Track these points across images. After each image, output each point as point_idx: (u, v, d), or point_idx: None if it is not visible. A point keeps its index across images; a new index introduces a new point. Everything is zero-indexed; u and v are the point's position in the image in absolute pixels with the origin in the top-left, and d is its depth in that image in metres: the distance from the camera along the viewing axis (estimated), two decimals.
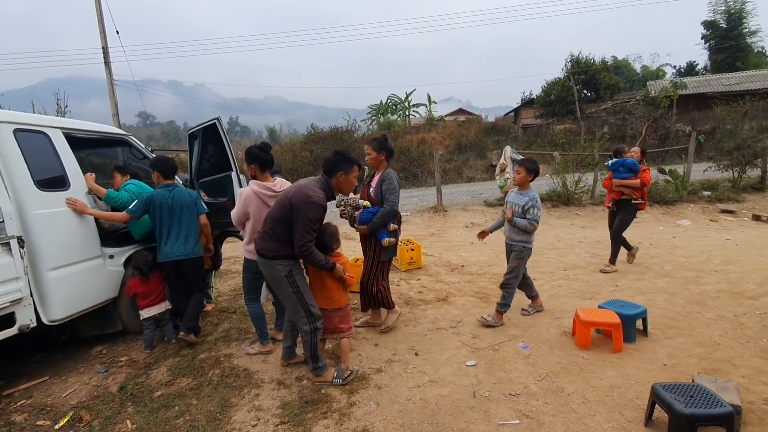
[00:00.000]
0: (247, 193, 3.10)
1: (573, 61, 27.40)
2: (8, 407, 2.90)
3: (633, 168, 5.21)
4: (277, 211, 2.70)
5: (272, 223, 2.69)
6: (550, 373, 2.90)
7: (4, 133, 2.98)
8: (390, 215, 3.43)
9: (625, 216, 5.37)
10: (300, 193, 2.63)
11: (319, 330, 2.78)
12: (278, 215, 2.67)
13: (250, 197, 3.08)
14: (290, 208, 2.62)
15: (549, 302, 4.27)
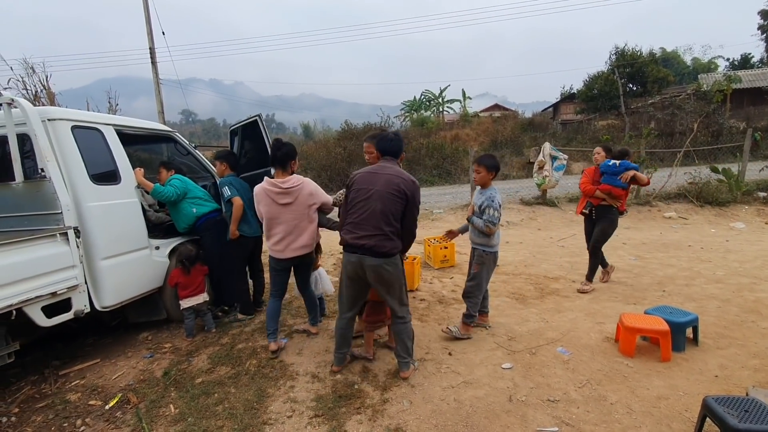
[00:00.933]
0: (257, 191, 3.16)
1: (618, 53, 26.08)
2: (64, 386, 3.10)
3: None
4: (390, 206, 2.62)
5: (392, 220, 2.63)
6: (591, 380, 2.78)
7: (63, 129, 3.17)
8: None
9: (607, 227, 4.49)
10: (406, 181, 2.67)
11: None
12: (394, 209, 2.62)
13: (260, 195, 3.12)
14: (405, 199, 2.63)
15: (590, 306, 4.10)
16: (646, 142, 10.14)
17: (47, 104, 7.64)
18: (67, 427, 2.60)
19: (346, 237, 2.71)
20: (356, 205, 2.70)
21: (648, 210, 9.20)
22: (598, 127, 23.29)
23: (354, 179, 2.78)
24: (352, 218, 2.70)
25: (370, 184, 2.68)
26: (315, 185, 3.24)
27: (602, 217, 4.53)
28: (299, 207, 3.11)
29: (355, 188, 2.74)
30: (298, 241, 3.16)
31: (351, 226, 2.70)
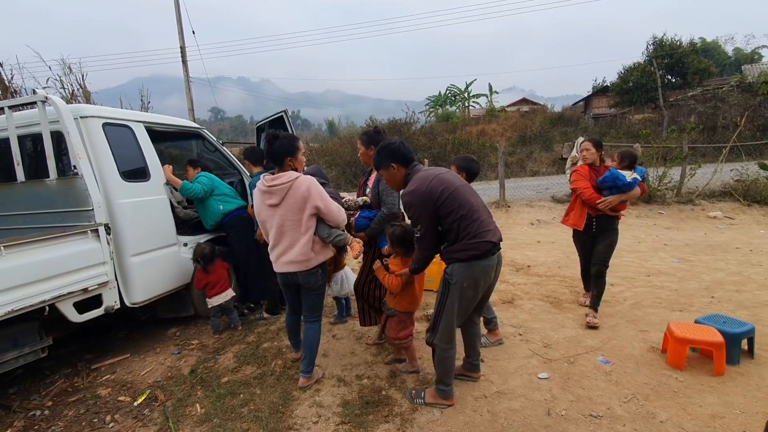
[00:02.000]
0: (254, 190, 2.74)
1: (656, 43, 24.86)
2: (95, 380, 3.14)
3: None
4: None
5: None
6: (637, 395, 2.58)
7: (95, 126, 3.20)
8: (389, 219, 2.93)
9: (614, 240, 3.65)
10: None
11: None
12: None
13: (255, 193, 2.69)
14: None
15: (631, 312, 3.85)
16: (689, 136, 9.56)
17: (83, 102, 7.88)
18: (97, 423, 2.61)
19: (493, 239, 2.29)
20: (467, 206, 2.28)
21: (690, 209, 8.68)
22: (633, 121, 22.32)
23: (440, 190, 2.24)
24: (481, 217, 2.30)
25: (452, 184, 2.30)
26: (315, 186, 2.53)
27: (606, 229, 3.61)
28: (287, 211, 2.51)
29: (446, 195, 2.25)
30: (288, 255, 2.57)
31: (484, 225, 2.29)
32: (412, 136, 20.69)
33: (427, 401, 2.53)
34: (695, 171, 9.03)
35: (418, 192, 2.24)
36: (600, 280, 3.64)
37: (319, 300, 2.81)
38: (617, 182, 3.47)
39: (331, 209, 2.57)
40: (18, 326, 2.61)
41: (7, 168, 3.30)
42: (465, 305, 2.37)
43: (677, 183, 9.19)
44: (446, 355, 2.43)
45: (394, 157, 2.41)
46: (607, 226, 3.61)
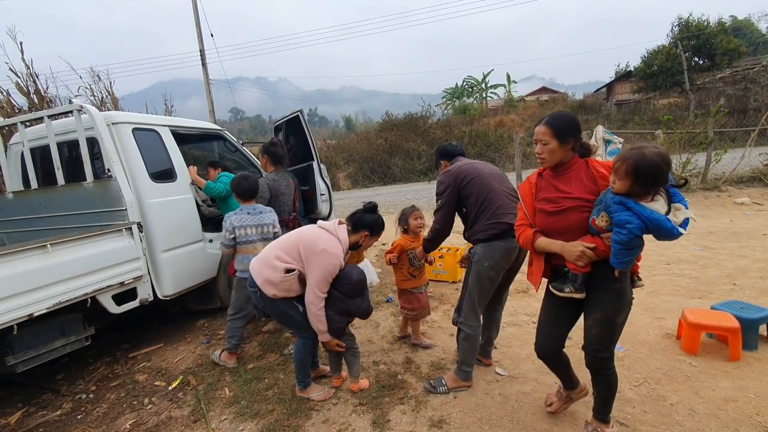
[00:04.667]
0: None
1: (682, 24, 23.92)
2: (133, 367, 3.40)
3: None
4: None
5: None
6: (649, 379, 2.62)
7: (125, 132, 3.42)
8: None
9: (618, 309, 1.93)
10: None
11: None
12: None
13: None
14: None
15: (648, 299, 3.85)
16: (715, 120, 9.26)
17: (112, 109, 8.27)
18: (137, 405, 2.84)
19: (511, 221, 2.35)
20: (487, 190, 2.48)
21: (716, 195, 8.44)
22: (659, 107, 21.64)
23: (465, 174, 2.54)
24: (501, 201, 2.46)
25: (480, 171, 2.57)
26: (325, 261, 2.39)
27: (602, 288, 1.91)
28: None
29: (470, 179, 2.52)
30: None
31: (503, 208, 2.44)
32: (428, 129, 20.66)
33: (450, 386, 2.62)
34: (720, 156, 8.75)
35: (449, 173, 2.62)
36: (602, 377, 2.10)
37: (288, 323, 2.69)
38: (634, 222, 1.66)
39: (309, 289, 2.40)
40: (64, 317, 2.86)
41: (49, 173, 3.57)
42: (487, 284, 2.51)
43: (702, 169, 8.93)
44: (471, 333, 2.55)
45: (442, 156, 2.91)
46: (602, 284, 1.89)
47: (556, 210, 1.89)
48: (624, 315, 1.95)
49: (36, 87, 7.50)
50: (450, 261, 4.63)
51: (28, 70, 7.42)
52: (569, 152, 1.90)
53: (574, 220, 1.85)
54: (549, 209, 1.92)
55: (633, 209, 1.65)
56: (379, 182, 18.86)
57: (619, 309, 1.91)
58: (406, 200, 11.67)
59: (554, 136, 1.87)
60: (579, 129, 1.92)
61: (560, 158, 1.90)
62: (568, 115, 1.95)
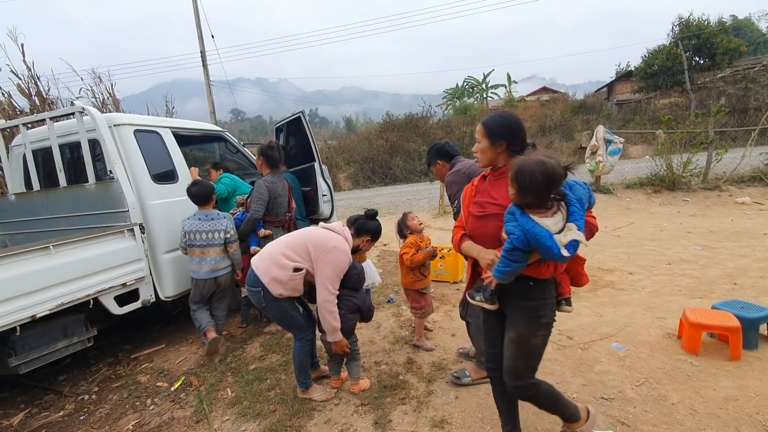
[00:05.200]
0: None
1: (682, 24, 23.91)
2: (135, 368, 3.41)
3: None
4: None
5: None
6: (650, 379, 2.63)
7: (127, 134, 3.44)
8: (252, 222, 3.50)
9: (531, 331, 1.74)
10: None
11: None
12: None
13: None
14: None
15: (649, 299, 3.85)
16: (716, 120, 9.26)
17: (113, 110, 8.29)
18: (139, 406, 2.85)
19: None
20: None
21: (717, 195, 8.44)
22: (659, 106, 21.63)
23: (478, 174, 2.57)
24: None
25: None
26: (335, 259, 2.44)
27: (517, 305, 1.78)
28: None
29: None
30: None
31: None
32: (428, 130, 20.66)
33: (474, 378, 2.67)
34: (721, 156, 8.75)
35: (459, 172, 2.59)
36: (530, 400, 1.91)
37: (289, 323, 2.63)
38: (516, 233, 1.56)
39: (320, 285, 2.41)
40: (67, 318, 2.88)
41: (51, 174, 3.59)
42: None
43: (703, 169, 8.93)
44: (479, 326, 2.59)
45: (438, 155, 2.84)
46: (516, 300, 1.77)
47: (481, 215, 1.80)
48: (539, 338, 1.76)
49: (37, 89, 7.52)
50: (451, 261, 4.64)
51: (29, 72, 7.44)
52: (503, 155, 1.80)
53: (493, 227, 1.73)
54: (476, 213, 1.83)
55: (518, 220, 1.56)
56: (379, 183, 18.86)
57: (532, 330, 1.74)
58: (406, 201, 11.68)
59: (485, 135, 1.81)
60: (514, 133, 1.79)
61: (490, 159, 1.83)
62: (506, 117, 1.84)
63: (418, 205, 10.41)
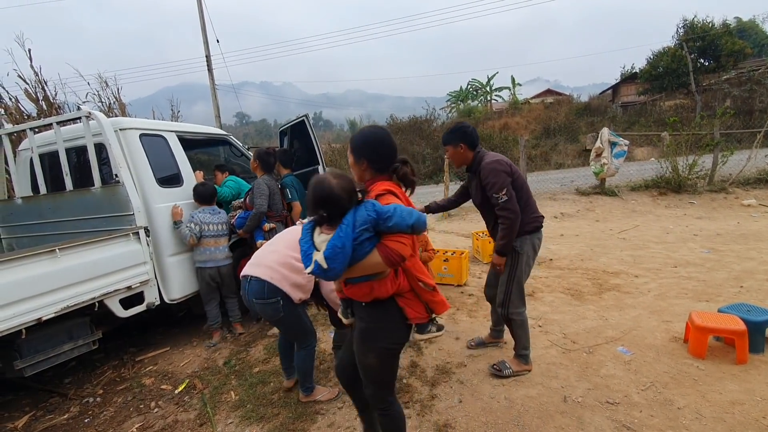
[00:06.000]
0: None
1: (686, 26, 23.82)
2: (140, 371, 3.42)
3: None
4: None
5: None
6: (656, 383, 2.60)
7: (133, 138, 3.46)
8: (258, 216, 3.67)
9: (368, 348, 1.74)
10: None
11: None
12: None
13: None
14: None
15: (655, 303, 3.82)
16: (721, 122, 9.20)
17: (120, 114, 8.37)
18: (143, 408, 2.86)
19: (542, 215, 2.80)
20: (527, 187, 2.74)
21: (723, 197, 8.38)
22: (665, 108, 21.52)
23: (513, 166, 2.66)
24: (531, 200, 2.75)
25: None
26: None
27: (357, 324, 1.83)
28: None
29: (517, 173, 2.66)
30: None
31: (535, 204, 2.80)
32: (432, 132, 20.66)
33: (515, 370, 2.79)
34: (727, 158, 8.69)
35: (502, 162, 2.60)
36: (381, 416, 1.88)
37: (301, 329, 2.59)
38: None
39: None
40: (72, 321, 2.90)
41: (57, 178, 3.62)
42: (527, 272, 2.76)
43: (708, 171, 8.87)
44: (523, 318, 2.77)
45: (464, 138, 2.70)
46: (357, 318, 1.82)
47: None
48: (371, 360, 1.73)
49: (45, 93, 7.61)
50: (455, 264, 4.63)
51: (36, 77, 7.54)
52: (367, 171, 1.74)
53: None
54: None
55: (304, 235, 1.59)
56: None
57: (362, 350, 1.74)
58: None
59: (350, 151, 1.76)
60: (375, 151, 1.72)
61: (358, 175, 1.77)
62: (367, 134, 1.76)
63: None
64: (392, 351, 1.75)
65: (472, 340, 3.24)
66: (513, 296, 2.72)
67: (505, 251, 2.64)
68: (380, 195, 1.62)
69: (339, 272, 1.47)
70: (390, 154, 1.73)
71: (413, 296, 1.69)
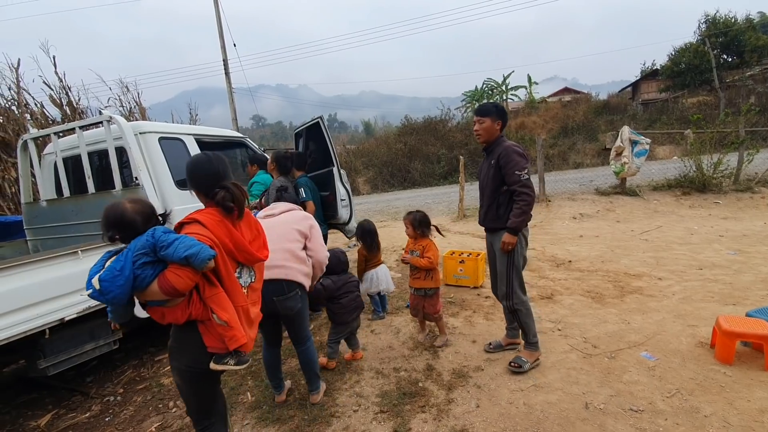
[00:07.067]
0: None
1: (708, 21, 23.15)
2: (159, 371, 3.47)
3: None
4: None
5: None
6: (681, 390, 2.51)
7: (152, 141, 3.53)
8: None
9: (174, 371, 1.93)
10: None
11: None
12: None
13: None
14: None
15: (680, 306, 3.70)
16: (746, 119, 8.88)
17: (140, 118, 8.56)
18: (162, 408, 2.90)
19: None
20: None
21: (749, 197, 8.08)
22: (687, 106, 20.94)
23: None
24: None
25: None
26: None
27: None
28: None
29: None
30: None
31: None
32: (448, 133, 20.57)
33: (531, 361, 2.86)
34: (752, 156, 8.39)
35: (525, 152, 2.75)
36: None
37: (304, 320, 2.65)
38: None
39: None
40: (94, 321, 2.95)
41: (80, 181, 3.71)
42: (523, 261, 2.88)
43: (734, 170, 8.57)
44: (528, 307, 2.86)
45: (502, 117, 2.82)
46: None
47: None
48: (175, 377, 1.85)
49: (68, 99, 7.84)
50: (471, 266, 4.57)
51: (60, 83, 7.76)
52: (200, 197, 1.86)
53: None
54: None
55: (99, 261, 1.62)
56: (398, 186, 18.85)
57: (173, 369, 1.83)
58: (425, 204, 11.62)
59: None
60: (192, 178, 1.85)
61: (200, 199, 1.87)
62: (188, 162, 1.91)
63: (437, 209, 10.33)
64: (192, 373, 1.76)
65: (489, 344, 3.19)
66: (515, 285, 2.81)
67: (519, 229, 2.69)
68: (186, 224, 1.67)
69: (118, 295, 1.49)
70: (203, 180, 1.79)
71: (212, 326, 1.67)
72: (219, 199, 1.71)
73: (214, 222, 1.69)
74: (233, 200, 1.73)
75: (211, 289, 1.63)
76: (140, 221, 1.60)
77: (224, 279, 1.67)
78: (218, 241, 1.64)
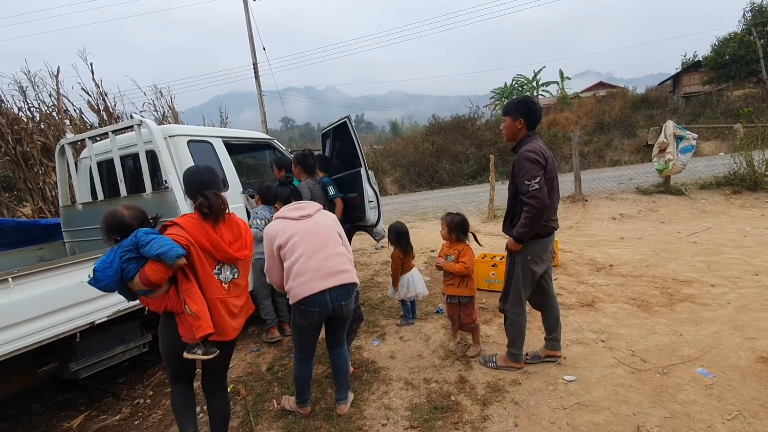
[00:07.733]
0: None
1: (754, 9, 21.65)
2: None
3: None
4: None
5: None
6: (743, 411, 2.25)
7: (181, 144, 3.54)
8: None
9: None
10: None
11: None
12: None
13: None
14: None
15: (736, 316, 3.37)
16: None
17: (172, 122, 8.79)
18: None
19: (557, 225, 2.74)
20: (555, 189, 2.66)
21: None
22: (732, 99, 19.64)
23: (548, 160, 2.56)
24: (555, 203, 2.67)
25: (554, 169, 2.64)
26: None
27: None
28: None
29: (549, 167, 2.56)
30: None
31: (555, 211, 2.70)
32: (476, 131, 20.16)
33: (499, 365, 2.91)
34: None
35: (537, 152, 2.50)
36: None
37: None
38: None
39: None
40: (124, 325, 2.97)
41: (114, 185, 3.77)
42: (529, 275, 2.71)
43: None
44: (517, 319, 2.80)
45: (526, 115, 2.62)
46: None
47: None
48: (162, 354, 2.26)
49: (105, 104, 8.13)
50: (503, 270, 4.35)
51: (98, 89, 8.06)
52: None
53: None
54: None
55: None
56: (426, 187, 18.64)
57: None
58: (454, 204, 11.38)
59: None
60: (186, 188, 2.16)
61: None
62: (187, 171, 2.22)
63: (466, 210, 10.08)
64: (167, 356, 2.15)
65: (526, 354, 2.98)
66: (511, 294, 2.76)
67: (522, 239, 2.59)
68: (168, 226, 1.96)
69: (108, 283, 1.82)
70: (190, 187, 2.10)
71: (185, 318, 1.92)
72: (197, 205, 1.99)
73: (192, 224, 1.96)
74: (209, 207, 1.98)
75: (187, 283, 1.91)
76: (136, 225, 1.93)
77: (199, 274, 1.93)
78: (194, 241, 1.91)
